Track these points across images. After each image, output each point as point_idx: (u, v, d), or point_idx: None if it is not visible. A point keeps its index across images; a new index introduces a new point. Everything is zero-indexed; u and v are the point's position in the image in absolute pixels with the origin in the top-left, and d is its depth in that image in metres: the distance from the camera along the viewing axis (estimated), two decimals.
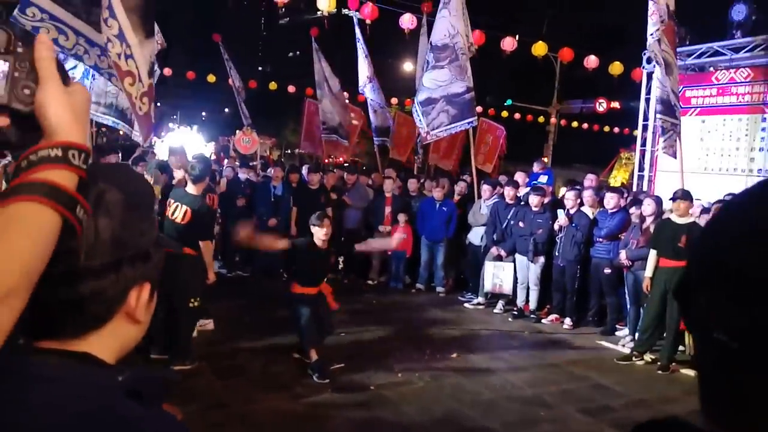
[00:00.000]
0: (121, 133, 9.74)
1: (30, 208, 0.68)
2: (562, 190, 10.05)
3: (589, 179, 8.95)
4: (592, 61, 15.94)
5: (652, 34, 7.59)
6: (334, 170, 10.62)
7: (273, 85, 22.13)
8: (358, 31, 12.14)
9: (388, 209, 9.38)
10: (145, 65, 5.22)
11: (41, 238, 0.68)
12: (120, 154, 9.15)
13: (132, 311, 0.83)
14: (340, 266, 9.78)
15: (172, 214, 5.22)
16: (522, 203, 8.26)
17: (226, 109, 35.36)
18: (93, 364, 0.79)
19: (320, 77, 12.22)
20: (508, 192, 8.27)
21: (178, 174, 6.25)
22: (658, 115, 8.42)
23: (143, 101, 5.37)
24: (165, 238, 0.96)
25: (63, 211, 0.70)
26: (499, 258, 8.11)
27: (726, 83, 9.83)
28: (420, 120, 9.40)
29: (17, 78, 0.72)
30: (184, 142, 15.07)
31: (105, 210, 0.79)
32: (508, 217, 8.08)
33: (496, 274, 8.10)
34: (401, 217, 9.11)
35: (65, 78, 0.77)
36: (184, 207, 5.20)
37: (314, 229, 5.34)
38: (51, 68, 0.75)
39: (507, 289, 8.06)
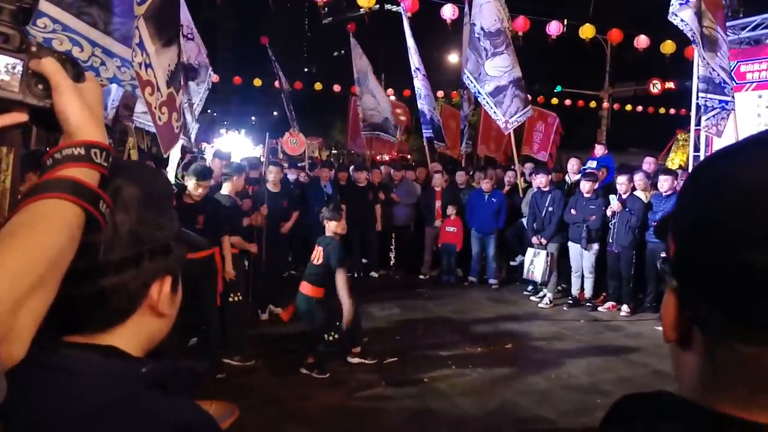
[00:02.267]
0: None
1: (55, 204, 0.72)
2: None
3: (647, 163, 8.66)
4: (642, 41, 15.31)
5: (674, 14, 7.17)
6: (381, 167, 10.59)
7: (318, 86, 22.32)
8: (406, 23, 11.82)
9: (438, 203, 9.33)
10: (163, 74, 5.13)
11: (67, 232, 0.71)
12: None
13: (155, 304, 0.85)
14: (392, 262, 9.81)
15: None
16: (560, 189, 8.18)
17: (275, 112, 35.92)
18: (118, 356, 0.81)
19: (360, 74, 11.97)
20: (540, 179, 8.11)
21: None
22: (701, 94, 8.02)
23: (162, 111, 5.27)
24: (187, 233, 0.97)
25: (86, 206, 0.74)
26: (541, 247, 7.99)
27: None
28: (494, 112, 9.11)
29: (31, 75, 0.76)
30: (232, 147, 15.38)
31: (122, 205, 0.81)
32: (546, 204, 7.94)
33: (532, 261, 8.00)
34: (450, 210, 9.06)
35: (79, 73, 0.80)
36: None
37: (330, 224, 5.19)
38: (62, 79, 0.77)
39: (537, 276, 7.93)
